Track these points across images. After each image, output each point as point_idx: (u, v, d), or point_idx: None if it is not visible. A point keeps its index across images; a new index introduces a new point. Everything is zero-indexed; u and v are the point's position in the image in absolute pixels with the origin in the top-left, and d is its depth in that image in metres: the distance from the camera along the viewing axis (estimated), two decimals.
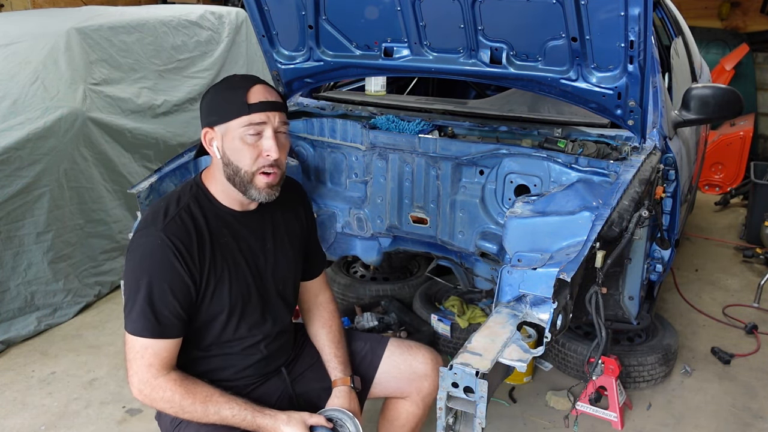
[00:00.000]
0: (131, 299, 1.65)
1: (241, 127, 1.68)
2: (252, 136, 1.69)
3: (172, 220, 1.69)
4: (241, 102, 1.68)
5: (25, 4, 6.72)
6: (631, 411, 2.89)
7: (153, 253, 1.65)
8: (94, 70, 3.83)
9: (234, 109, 1.68)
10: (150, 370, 1.65)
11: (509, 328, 1.86)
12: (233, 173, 1.72)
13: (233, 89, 1.71)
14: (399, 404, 2.07)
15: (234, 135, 1.69)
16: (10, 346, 3.35)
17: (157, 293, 1.64)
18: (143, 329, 1.64)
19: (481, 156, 2.58)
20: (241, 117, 1.68)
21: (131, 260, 1.69)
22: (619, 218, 2.01)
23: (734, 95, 2.74)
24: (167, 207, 1.73)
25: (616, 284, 2.45)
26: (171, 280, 1.65)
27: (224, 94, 1.72)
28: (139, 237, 1.69)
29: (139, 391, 1.66)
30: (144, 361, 1.65)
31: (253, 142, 1.70)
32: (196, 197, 1.77)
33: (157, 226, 1.67)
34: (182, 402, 1.66)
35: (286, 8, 2.62)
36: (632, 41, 2.08)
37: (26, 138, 3.34)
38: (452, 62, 2.52)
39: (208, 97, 1.75)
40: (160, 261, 1.65)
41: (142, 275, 1.65)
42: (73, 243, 3.63)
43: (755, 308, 3.82)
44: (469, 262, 2.82)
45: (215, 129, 1.72)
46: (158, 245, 1.65)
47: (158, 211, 1.72)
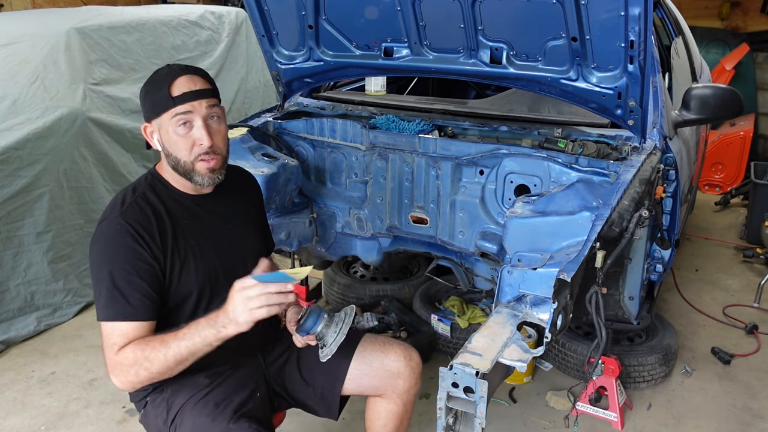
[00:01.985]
0: (99, 287, 1.67)
1: (170, 120, 1.72)
2: (182, 126, 1.72)
3: (129, 206, 1.74)
4: (166, 96, 1.70)
5: (25, 4, 6.72)
6: (631, 411, 2.89)
7: (113, 238, 1.69)
8: (93, 70, 3.83)
9: (161, 104, 1.71)
10: (114, 349, 1.63)
11: (509, 328, 1.86)
12: (175, 163, 1.77)
13: (158, 83, 1.73)
14: (378, 403, 2.05)
15: (167, 128, 1.73)
16: (10, 346, 3.35)
17: (122, 275, 1.65)
18: (115, 313, 1.64)
19: (481, 156, 2.58)
20: (167, 110, 1.71)
21: (94, 251, 1.72)
22: (619, 218, 2.01)
23: (734, 95, 2.74)
24: (124, 197, 1.78)
25: (616, 284, 2.45)
26: (134, 262, 1.67)
27: (151, 89, 1.74)
28: (98, 227, 1.74)
29: (113, 375, 1.65)
30: (110, 342, 1.64)
31: (185, 133, 1.73)
32: (152, 185, 1.82)
33: (115, 214, 1.72)
34: (144, 352, 1.61)
35: (286, 8, 2.62)
36: (632, 41, 2.09)
37: (26, 138, 3.34)
38: (452, 62, 2.53)
39: (142, 92, 1.78)
40: (120, 245, 1.68)
41: (104, 262, 1.68)
42: (73, 243, 3.62)
43: (755, 308, 3.82)
44: (469, 262, 2.82)
45: (152, 123, 1.76)
46: (117, 230, 1.69)
47: (115, 202, 1.77)
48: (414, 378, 2.04)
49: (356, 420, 2.80)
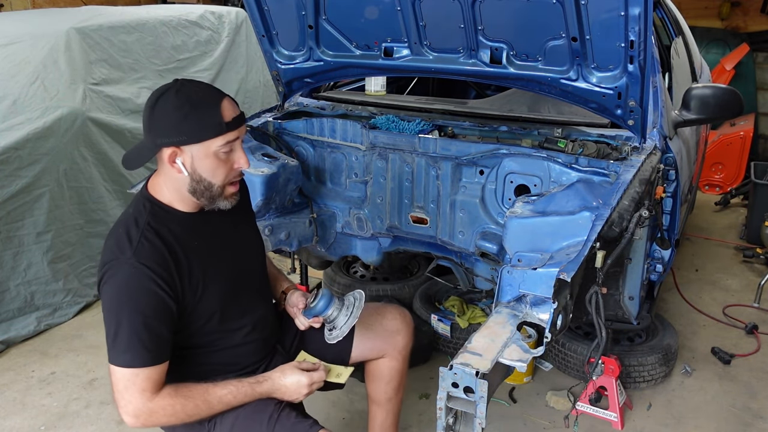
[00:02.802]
0: (114, 333, 1.61)
1: (218, 146, 1.65)
2: (226, 152, 1.68)
3: (140, 244, 1.64)
4: (218, 122, 1.63)
5: (25, 4, 6.72)
6: (631, 411, 2.89)
7: (128, 283, 1.61)
8: (93, 70, 3.83)
9: (211, 130, 1.63)
10: (144, 394, 1.62)
11: (509, 328, 1.86)
12: (204, 189, 1.69)
13: (205, 107, 1.64)
14: (380, 363, 2.18)
15: (207, 153, 1.65)
16: (9, 346, 3.35)
17: (141, 324, 1.60)
18: (133, 361, 1.61)
19: (481, 156, 2.58)
20: (219, 136, 1.64)
21: (107, 294, 1.64)
22: (619, 218, 2.01)
23: (734, 95, 2.74)
24: (128, 231, 1.67)
25: (616, 284, 2.45)
26: (153, 308, 1.62)
27: (194, 114, 1.63)
28: (110, 269, 1.63)
29: (135, 418, 1.63)
30: (136, 388, 1.62)
31: (226, 158, 1.69)
32: (152, 213, 1.71)
33: (126, 254, 1.62)
34: (185, 409, 1.66)
35: (286, 8, 2.62)
36: (632, 41, 2.09)
37: (26, 138, 3.34)
38: (452, 62, 2.52)
39: (170, 113, 1.63)
40: (137, 290, 1.61)
41: (121, 309, 1.61)
42: (72, 243, 3.63)
43: (755, 308, 3.82)
44: (469, 262, 2.82)
45: (183, 149, 1.64)
46: (132, 274, 1.61)
47: (120, 239, 1.66)
48: (410, 333, 2.22)
49: (356, 420, 2.80)
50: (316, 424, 1.79)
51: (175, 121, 1.63)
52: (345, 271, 3.80)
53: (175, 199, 1.74)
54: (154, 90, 1.73)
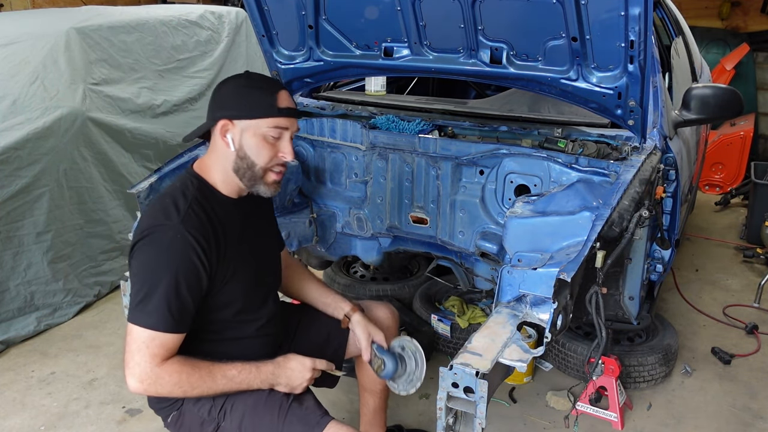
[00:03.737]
0: (145, 293, 1.64)
1: (268, 127, 1.75)
2: (274, 137, 1.77)
3: (187, 214, 1.70)
4: (271, 104, 1.75)
5: (25, 4, 6.72)
6: (631, 411, 2.89)
7: (172, 247, 1.66)
8: (93, 70, 3.83)
9: (263, 110, 1.74)
10: (154, 360, 1.64)
11: (509, 328, 1.86)
12: (247, 167, 1.77)
13: (263, 89, 1.76)
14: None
15: (256, 132, 1.75)
16: (9, 346, 3.35)
17: (174, 289, 1.64)
18: (158, 323, 1.63)
19: (481, 156, 2.58)
20: (269, 118, 1.75)
21: (146, 254, 1.68)
22: (619, 218, 2.01)
23: (734, 95, 2.74)
24: (175, 201, 1.73)
25: (616, 284, 2.45)
26: (189, 276, 1.67)
27: (253, 93, 1.75)
28: (154, 232, 1.68)
29: (140, 381, 1.64)
30: (149, 351, 1.63)
31: (273, 142, 1.77)
32: (199, 189, 1.78)
33: (173, 221, 1.68)
34: (189, 379, 1.67)
35: (286, 8, 2.62)
36: (632, 41, 2.08)
37: (26, 138, 3.34)
38: (452, 62, 2.52)
39: (231, 90, 1.76)
40: (179, 256, 1.66)
41: (159, 270, 1.65)
42: (72, 243, 3.62)
43: (755, 308, 3.82)
44: (469, 262, 2.82)
45: (234, 122, 1.75)
46: (178, 239, 1.66)
47: (167, 206, 1.72)
48: (397, 328, 2.34)
49: (356, 420, 2.80)
50: (327, 414, 1.81)
51: (235, 97, 1.75)
52: (345, 271, 3.80)
53: (219, 180, 1.81)
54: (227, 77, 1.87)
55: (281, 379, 1.80)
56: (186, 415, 1.86)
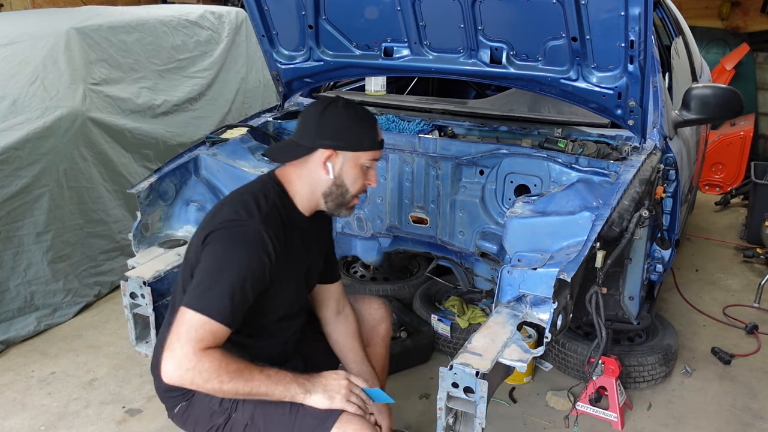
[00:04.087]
0: (211, 280, 1.66)
1: (367, 159, 1.87)
2: (368, 167, 1.90)
3: (269, 215, 1.76)
4: (374, 139, 1.88)
5: (25, 4, 6.72)
6: (631, 411, 2.89)
7: (249, 242, 1.71)
8: (93, 70, 3.83)
9: (368, 143, 1.86)
10: (199, 345, 1.61)
11: (509, 328, 1.86)
12: (340, 194, 1.87)
13: (367, 124, 1.87)
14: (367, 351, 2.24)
15: (357, 163, 1.86)
16: (9, 346, 3.35)
17: (240, 283, 1.67)
18: (215, 311, 1.63)
19: (481, 156, 2.58)
20: (371, 151, 1.87)
21: (221, 244, 1.71)
22: (619, 218, 2.01)
23: (734, 95, 2.74)
24: (257, 200, 1.78)
25: (616, 284, 2.45)
26: (257, 274, 1.70)
27: (360, 126, 1.85)
28: (235, 226, 1.73)
29: (179, 366, 1.59)
30: (197, 336, 1.61)
31: (366, 173, 1.90)
32: (279, 195, 1.85)
33: (255, 218, 1.74)
34: (228, 368, 1.63)
35: (286, 8, 2.62)
36: (632, 41, 2.09)
37: (26, 138, 3.34)
38: (452, 62, 2.53)
39: (336, 121, 1.83)
40: (254, 253, 1.70)
41: (231, 261, 1.68)
42: (72, 243, 3.62)
43: (755, 308, 3.81)
44: (469, 262, 2.82)
45: (338, 153, 1.83)
46: (255, 236, 1.72)
47: (248, 203, 1.77)
48: (391, 321, 2.36)
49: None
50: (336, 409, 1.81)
51: (341, 129, 1.83)
52: (345, 271, 3.80)
53: (301, 195, 1.88)
54: (316, 101, 1.99)
55: (318, 387, 1.75)
56: (195, 406, 1.87)
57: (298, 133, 1.88)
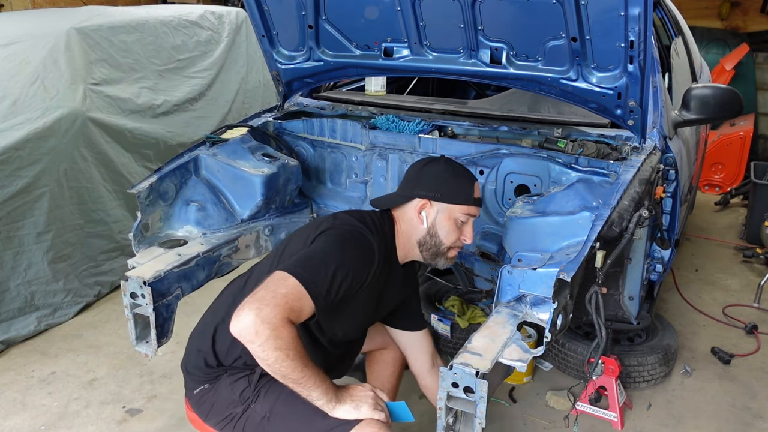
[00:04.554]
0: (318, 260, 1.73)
1: (461, 214, 1.96)
2: (462, 222, 1.97)
3: (382, 241, 1.89)
4: (470, 194, 1.96)
5: (25, 4, 6.72)
6: (631, 411, 2.89)
7: (363, 250, 1.82)
8: (94, 70, 3.83)
9: (462, 198, 1.95)
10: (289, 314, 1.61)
11: (509, 328, 1.86)
12: (433, 244, 1.97)
13: (466, 180, 1.98)
14: (384, 354, 2.35)
15: (450, 216, 1.95)
16: (10, 346, 3.35)
17: (343, 277, 1.73)
18: (315, 289, 1.67)
19: (481, 156, 2.58)
20: (465, 206, 1.96)
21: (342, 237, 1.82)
22: (619, 218, 2.01)
23: (734, 95, 2.74)
24: (376, 226, 1.92)
25: (616, 284, 2.45)
26: (355, 280, 1.78)
27: (458, 181, 1.96)
28: (357, 232, 1.85)
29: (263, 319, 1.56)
30: (291, 302, 1.62)
31: (460, 227, 1.98)
32: (392, 233, 1.99)
33: (374, 236, 1.87)
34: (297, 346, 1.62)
35: (286, 8, 2.62)
36: (632, 41, 2.09)
37: (26, 138, 3.34)
38: (452, 62, 2.53)
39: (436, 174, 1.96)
40: (364, 262, 1.81)
41: (345, 255, 1.77)
42: (73, 243, 3.62)
43: (755, 308, 3.82)
44: (469, 262, 2.82)
45: (433, 203, 1.95)
46: (370, 248, 1.83)
47: (369, 223, 1.92)
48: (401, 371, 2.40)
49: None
50: None
51: (438, 181, 1.96)
52: None
53: (401, 245, 2.01)
54: (426, 157, 2.13)
55: (345, 398, 1.76)
56: (217, 391, 1.89)
57: (401, 185, 2.04)
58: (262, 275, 1.84)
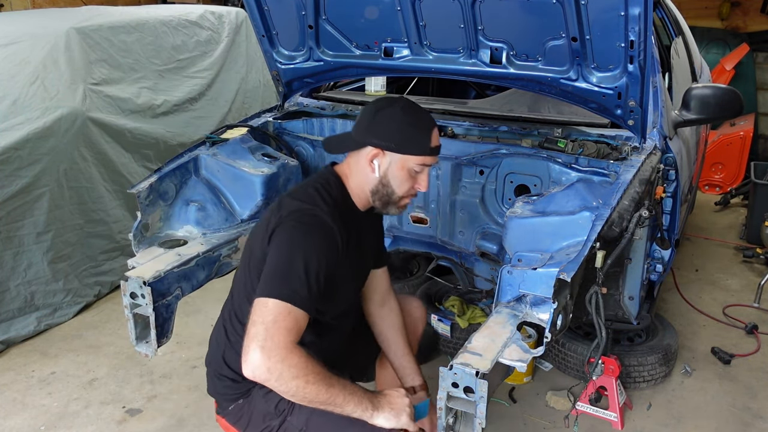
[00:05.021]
0: (285, 268, 1.67)
1: (415, 163, 1.85)
2: (417, 171, 1.87)
3: (334, 209, 1.79)
4: (426, 145, 1.84)
5: (25, 4, 6.72)
6: (631, 411, 2.89)
7: (319, 232, 1.74)
8: (94, 70, 3.83)
9: (418, 148, 1.84)
10: (289, 335, 1.59)
11: (509, 328, 1.86)
12: (385, 193, 1.88)
13: (422, 128, 1.85)
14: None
15: (404, 166, 1.85)
16: (10, 346, 3.35)
17: (316, 269, 1.69)
18: (298, 298, 1.63)
19: (481, 156, 2.58)
20: (421, 156, 1.85)
21: (295, 231, 1.73)
22: (619, 218, 2.01)
23: (734, 95, 2.74)
24: (321, 194, 1.82)
25: (616, 284, 2.45)
26: (328, 263, 1.72)
27: (414, 130, 1.84)
28: (303, 214, 1.76)
29: (268, 357, 1.55)
30: (284, 324, 1.59)
31: (414, 176, 1.88)
32: (340, 190, 1.88)
33: (322, 209, 1.77)
34: (314, 368, 1.60)
35: (286, 8, 2.62)
36: (632, 41, 2.09)
37: (26, 138, 3.34)
38: (452, 62, 2.53)
39: (389, 122, 1.82)
40: (325, 242, 1.73)
41: (303, 248, 1.70)
42: (72, 243, 3.62)
43: (755, 308, 3.82)
44: (469, 262, 2.82)
45: (387, 153, 1.83)
46: (324, 226, 1.75)
47: (313, 196, 1.81)
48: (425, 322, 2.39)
49: None
50: None
51: (392, 130, 1.82)
52: None
53: (354, 191, 1.91)
54: (380, 98, 1.96)
55: (384, 406, 1.73)
56: (252, 405, 1.87)
57: (355, 126, 1.90)
58: (240, 290, 1.87)
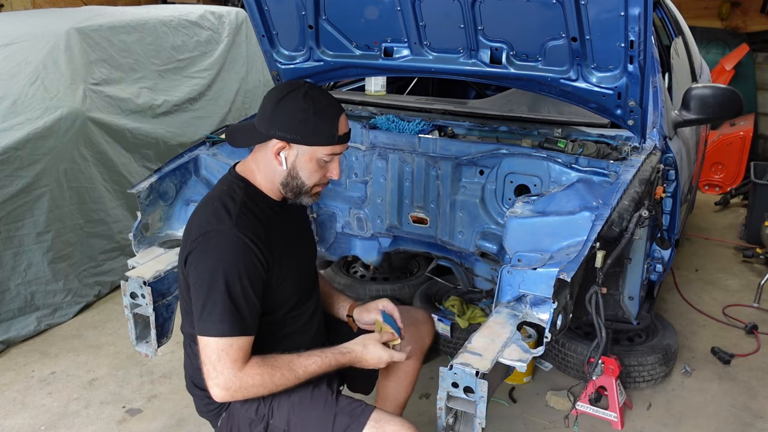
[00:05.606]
0: (210, 300, 1.65)
1: (324, 154, 1.79)
2: (326, 161, 1.81)
3: (239, 216, 1.73)
4: (333, 134, 1.77)
5: (25, 4, 6.72)
6: (631, 411, 2.89)
7: (230, 250, 1.68)
8: (94, 70, 3.84)
9: (324, 138, 1.76)
10: (236, 365, 1.66)
11: (509, 328, 1.86)
12: (296, 185, 1.81)
13: (328, 116, 1.77)
14: (406, 365, 2.21)
15: (312, 157, 1.78)
16: (10, 346, 3.35)
17: (239, 290, 1.66)
18: (232, 328, 1.65)
19: (481, 156, 2.58)
20: (328, 146, 1.78)
21: (205, 262, 1.69)
22: (619, 218, 2.01)
23: (734, 95, 2.74)
24: (225, 204, 1.76)
25: (616, 284, 2.45)
26: (250, 276, 1.69)
27: (319, 119, 1.75)
28: (208, 239, 1.70)
29: (225, 389, 1.66)
30: (229, 358, 1.65)
31: (324, 166, 1.82)
32: (246, 191, 1.81)
33: (227, 224, 1.71)
34: (272, 379, 1.70)
35: (286, 8, 2.62)
36: (632, 41, 2.08)
37: (26, 138, 3.34)
38: (452, 62, 2.52)
39: (293, 113, 1.73)
40: (240, 257, 1.68)
41: (220, 276, 1.66)
42: (73, 243, 3.63)
43: (755, 308, 3.82)
44: (469, 262, 2.82)
45: (293, 146, 1.76)
46: (234, 242, 1.69)
47: (217, 211, 1.74)
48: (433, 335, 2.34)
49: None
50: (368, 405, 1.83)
51: (296, 121, 1.73)
52: (345, 271, 3.80)
53: (264, 186, 1.84)
54: (281, 85, 1.82)
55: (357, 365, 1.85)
56: (234, 416, 1.88)
57: (258, 117, 1.80)
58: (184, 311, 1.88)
